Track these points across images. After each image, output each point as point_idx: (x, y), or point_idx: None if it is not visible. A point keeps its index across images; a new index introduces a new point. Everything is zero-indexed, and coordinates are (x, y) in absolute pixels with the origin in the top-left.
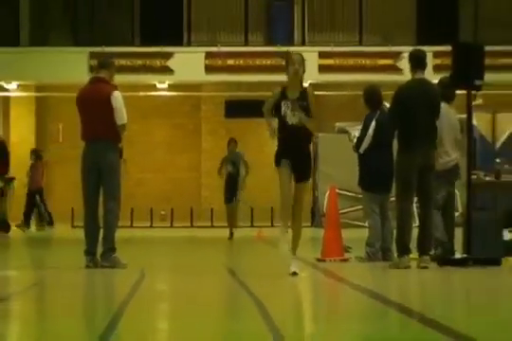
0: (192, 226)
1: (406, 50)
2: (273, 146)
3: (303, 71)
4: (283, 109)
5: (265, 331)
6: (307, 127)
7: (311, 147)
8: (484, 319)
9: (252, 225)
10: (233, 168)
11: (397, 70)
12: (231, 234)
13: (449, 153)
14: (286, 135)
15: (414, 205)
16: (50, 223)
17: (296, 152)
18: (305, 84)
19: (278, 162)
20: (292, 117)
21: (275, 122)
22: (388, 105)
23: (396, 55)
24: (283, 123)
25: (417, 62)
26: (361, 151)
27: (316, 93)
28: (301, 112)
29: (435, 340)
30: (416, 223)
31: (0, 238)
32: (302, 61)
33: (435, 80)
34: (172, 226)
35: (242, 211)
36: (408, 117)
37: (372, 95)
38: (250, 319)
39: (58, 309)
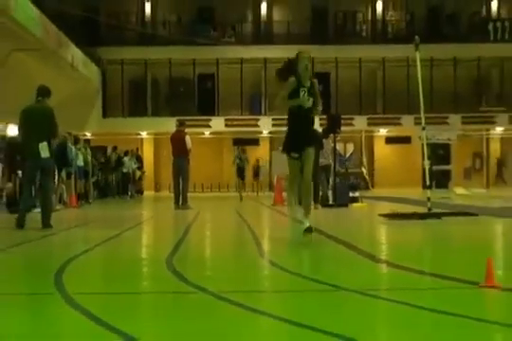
0: (219, 191)
1: None
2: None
3: (311, 66)
4: (301, 94)
5: (250, 235)
6: (316, 108)
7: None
8: (343, 228)
9: (244, 191)
10: (241, 162)
11: None
12: (241, 197)
13: (323, 159)
14: (300, 115)
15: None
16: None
17: (305, 129)
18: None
19: (288, 151)
20: (307, 102)
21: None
22: None
23: None
24: (299, 106)
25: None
26: None
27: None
28: (312, 97)
29: (321, 240)
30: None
31: (139, 197)
32: (310, 58)
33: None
34: (211, 191)
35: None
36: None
37: None
38: (244, 231)
39: (162, 226)
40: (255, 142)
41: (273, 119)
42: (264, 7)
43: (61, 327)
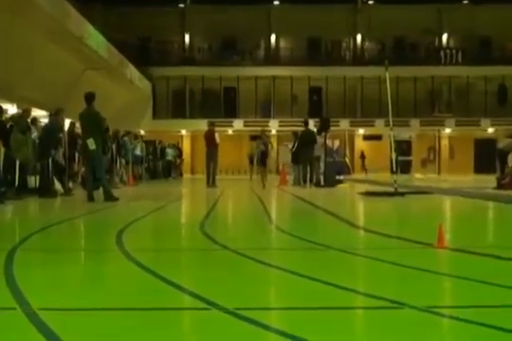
0: (239, 174)
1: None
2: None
3: None
4: None
5: (261, 207)
6: None
7: None
8: (331, 203)
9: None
10: (264, 147)
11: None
12: (264, 185)
13: (316, 151)
14: None
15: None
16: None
17: None
18: None
19: None
20: None
21: None
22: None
23: (301, 122)
24: None
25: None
26: (293, 150)
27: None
28: None
29: (314, 211)
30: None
31: (179, 179)
32: None
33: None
34: (232, 175)
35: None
36: (303, 141)
37: (296, 134)
38: (257, 204)
39: (196, 200)
40: None
41: (279, 121)
42: (273, 37)
43: (118, 275)
